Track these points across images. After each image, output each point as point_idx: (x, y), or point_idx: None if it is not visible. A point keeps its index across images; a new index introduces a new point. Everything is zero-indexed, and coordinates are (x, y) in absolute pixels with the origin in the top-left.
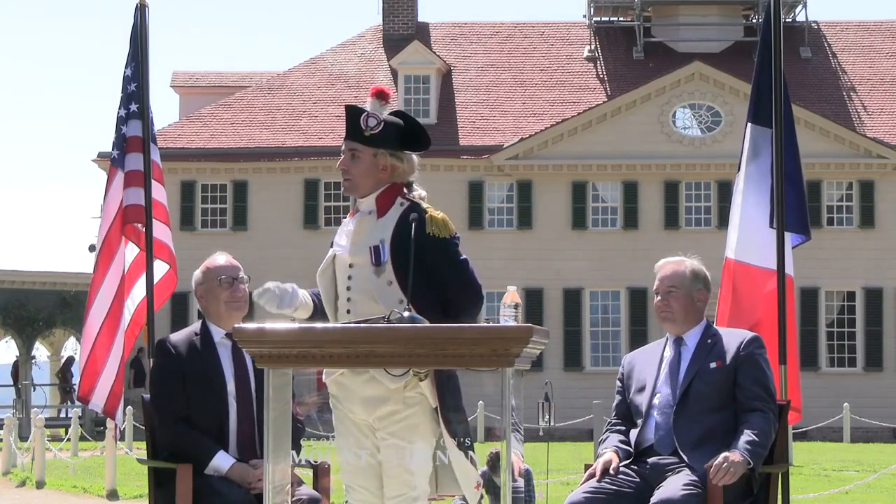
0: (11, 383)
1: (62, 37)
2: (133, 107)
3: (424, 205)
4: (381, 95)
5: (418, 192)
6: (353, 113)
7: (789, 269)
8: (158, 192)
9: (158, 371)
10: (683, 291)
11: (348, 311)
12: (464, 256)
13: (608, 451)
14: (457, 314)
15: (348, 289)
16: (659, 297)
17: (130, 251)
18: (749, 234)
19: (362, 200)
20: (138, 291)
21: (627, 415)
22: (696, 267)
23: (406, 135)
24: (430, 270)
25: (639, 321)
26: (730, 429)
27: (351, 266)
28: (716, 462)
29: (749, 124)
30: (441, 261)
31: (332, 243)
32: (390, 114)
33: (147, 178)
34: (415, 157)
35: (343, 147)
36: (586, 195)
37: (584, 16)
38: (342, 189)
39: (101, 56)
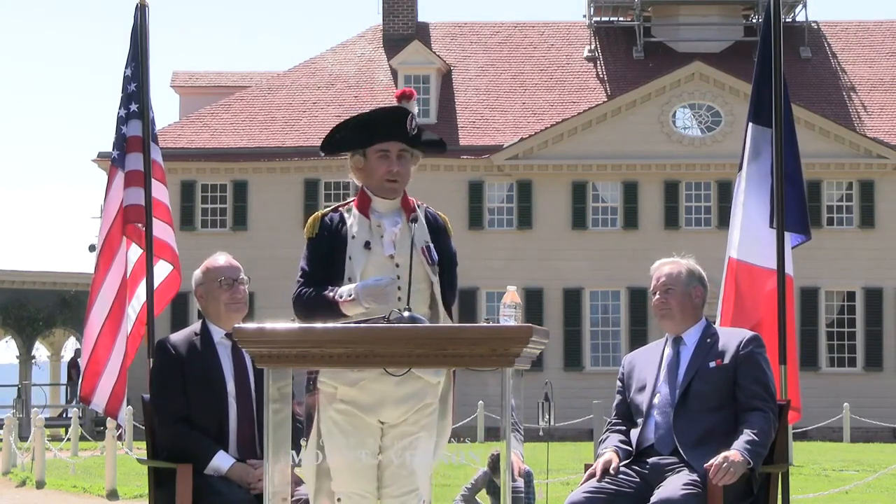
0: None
1: (62, 37)
2: (133, 107)
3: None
4: (410, 97)
5: None
6: (400, 114)
7: (789, 268)
8: (161, 192)
9: (158, 371)
10: (680, 289)
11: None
12: None
13: (608, 451)
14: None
15: (399, 288)
16: (657, 296)
17: (134, 252)
18: (750, 234)
19: (388, 201)
20: (143, 292)
21: (628, 414)
22: (692, 266)
23: (428, 137)
24: (443, 268)
25: (639, 321)
26: (730, 428)
27: (398, 266)
28: (716, 462)
29: (750, 124)
30: (452, 261)
31: (364, 243)
32: None
33: (147, 177)
34: None
35: (383, 148)
36: (586, 195)
37: (584, 16)
38: (389, 190)
39: (101, 56)
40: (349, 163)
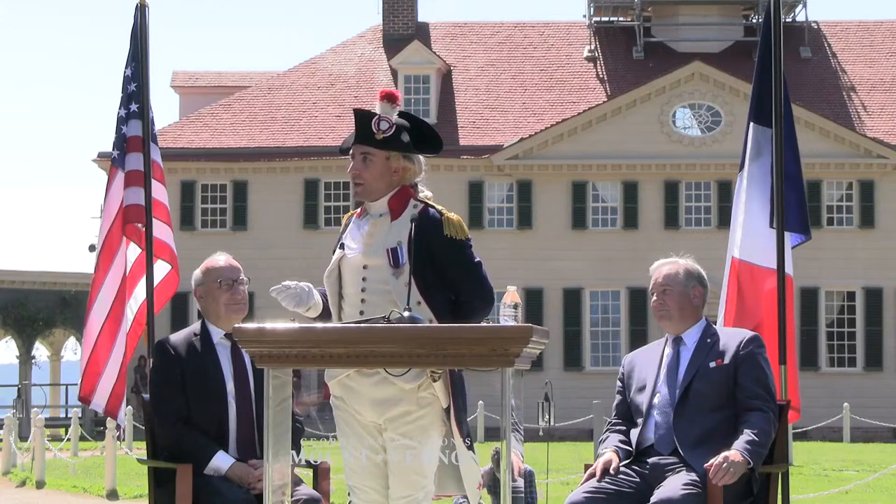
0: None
1: (62, 37)
2: (133, 107)
3: (438, 206)
4: (390, 98)
5: (425, 193)
6: (364, 117)
7: (789, 268)
8: (160, 192)
9: (158, 371)
10: (678, 289)
11: (362, 313)
12: (478, 259)
13: (608, 451)
14: (468, 316)
15: (363, 290)
16: (655, 297)
17: (132, 251)
18: (751, 234)
19: (373, 203)
20: (141, 292)
21: (628, 414)
22: (690, 266)
23: (418, 136)
24: (444, 271)
25: (639, 321)
26: (730, 428)
27: (365, 268)
28: (716, 462)
29: (751, 124)
30: (456, 263)
31: (339, 244)
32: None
33: (147, 177)
34: (422, 158)
35: (352, 151)
36: (586, 195)
37: (584, 16)
38: (354, 194)
39: (102, 56)
40: None
